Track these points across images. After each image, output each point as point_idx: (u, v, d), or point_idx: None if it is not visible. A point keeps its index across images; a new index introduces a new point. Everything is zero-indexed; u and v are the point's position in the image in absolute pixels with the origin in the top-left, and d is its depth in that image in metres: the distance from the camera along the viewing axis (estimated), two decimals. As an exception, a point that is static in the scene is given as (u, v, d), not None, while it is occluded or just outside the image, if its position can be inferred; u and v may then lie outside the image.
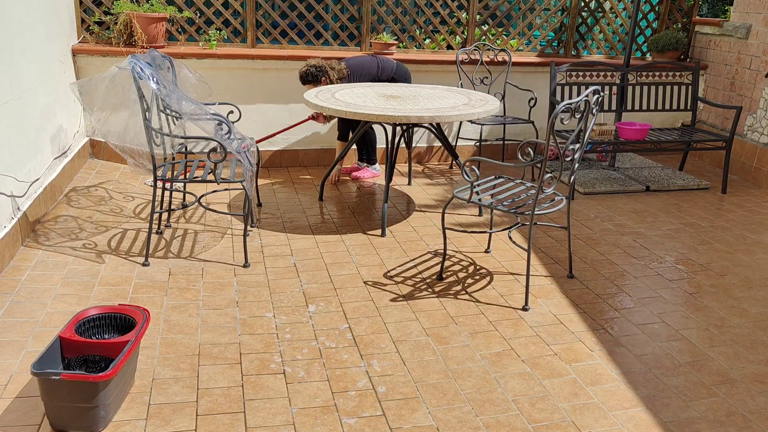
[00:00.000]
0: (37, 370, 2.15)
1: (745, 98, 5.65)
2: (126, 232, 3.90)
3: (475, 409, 2.43)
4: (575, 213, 4.60)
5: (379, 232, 4.09)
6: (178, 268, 3.48)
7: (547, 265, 3.72)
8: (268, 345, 2.79)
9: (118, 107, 3.43)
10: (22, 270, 3.35)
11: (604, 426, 2.38)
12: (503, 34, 5.99)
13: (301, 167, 5.50)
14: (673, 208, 4.79)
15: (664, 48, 6.03)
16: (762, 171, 5.40)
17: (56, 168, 4.36)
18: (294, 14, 5.43)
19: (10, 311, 2.96)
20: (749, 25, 5.60)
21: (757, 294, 3.48)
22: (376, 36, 5.59)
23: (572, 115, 3.06)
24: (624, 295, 3.40)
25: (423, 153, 5.80)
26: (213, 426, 2.29)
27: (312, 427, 2.30)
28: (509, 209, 3.21)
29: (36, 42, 4.08)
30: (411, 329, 2.98)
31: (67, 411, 2.19)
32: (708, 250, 4.03)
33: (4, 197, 3.43)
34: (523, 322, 3.08)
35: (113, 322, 2.53)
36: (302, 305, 3.15)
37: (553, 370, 2.71)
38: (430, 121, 3.87)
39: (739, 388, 2.63)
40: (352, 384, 2.56)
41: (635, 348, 2.90)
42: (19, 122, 3.72)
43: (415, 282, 3.44)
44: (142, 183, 4.80)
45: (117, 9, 5.00)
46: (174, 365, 2.62)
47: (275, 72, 5.24)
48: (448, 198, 4.02)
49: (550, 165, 5.44)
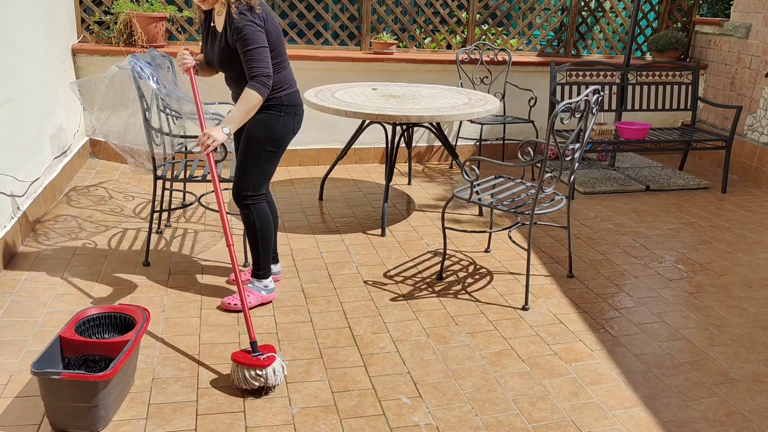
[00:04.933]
0: (37, 370, 2.15)
1: (745, 98, 5.65)
2: (126, 232, 3.90)
3: (475, 409, 2.43)
4: (575, 213, 4.60)
5: (379, 232, 4.09)
6: (178, 267, 3.48)
7: (547, 265, 3.72)
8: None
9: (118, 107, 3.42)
10: (22, 270, 3.35)
11: (604, 425, 2.37)
12: (503, 34, 5.99)
13: (301, 167, 5.49)
14: (673, 207, 4.79)
15: (664, 48, 6.03)
16: (762, 171, 5.40)
17: (56, 167, 4.36)
18: (294, 14, 5.43)
19: (9, 311, 2.95)
20: (749, 25, 5.60)
21: (757, 294, 3.48)
22: (376, 36, 5.59)
23: (572, 115, 3.06)
24: (624, 295, 3.40)
25: (423, 153, 5.80)
26: (213, 426, 2.28)
27: (312, 427, 2.30)
28: (509, 209, 3.21)
29: (36, 41, 4.08)
30: (411, 329, 2.97)
31: (67, 410, 2.19)
32: (708, 250, 4.03)
33: (4, 197, 3.42)
34: (523, 321, 3.08)
35: (113, 321, 2.53)
36: (302, 305, 3.15)
37: (553, 369, 2.70)
38: (430, 121, 3.87)
39: (739, 388, 2.63)
40: (352, 384, 2.55)
41: (635, 348, 2.90)
42: (19, 122, 3.71)
43: (415, 282, 3.44)
44: (142, 182, 4.79)
45: (117, 8, 5.00)
46: (174, 365, 2.62)
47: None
48: (448, 198, 4.01)
49: (550, 165, 5.43)
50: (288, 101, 2.93)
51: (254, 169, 2.94)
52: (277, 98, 2.89)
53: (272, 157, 2.96)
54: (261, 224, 3.00)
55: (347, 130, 5.45)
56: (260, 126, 2.90)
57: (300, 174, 5.29)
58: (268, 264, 3.12)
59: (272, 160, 2.97)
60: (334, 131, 5.51)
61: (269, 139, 2.91)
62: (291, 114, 2.95)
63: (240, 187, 2.96)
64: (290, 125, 2.97)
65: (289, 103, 2.93)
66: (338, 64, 5.35)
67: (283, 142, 2.97)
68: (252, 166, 2.94)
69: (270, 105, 2.88)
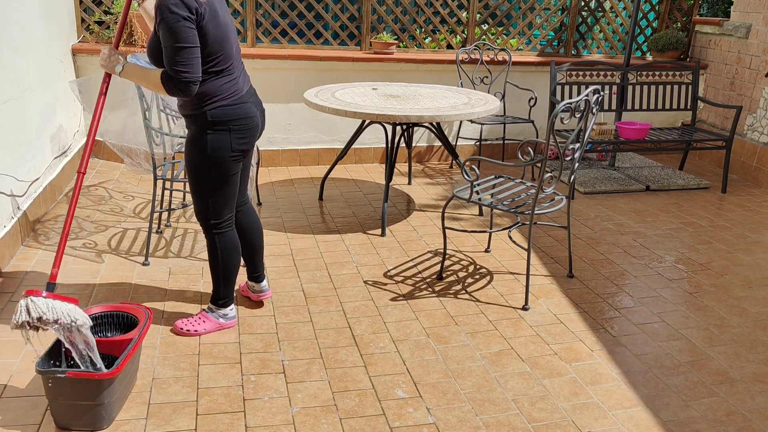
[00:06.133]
0: (41, 368, 2.15)
1: (745, 98, 5.65)
2: (126, 232, 3.90)
3: (475, 409, 2.43)
4: (575, 212, 4.60)
5: (379, 232, 4.09)
6: (178, 267, 3.48)
7: (547, 265, 3.72)
8: (268, 344, 2.79)
9: (117, 106, 3.43)
10: (22, 269, 3.35)
11: (604, 425, 2.38)
12: (503, 34, 5.99)
13: (301, 167, 5.49)
14: (673, 207, 4.79)
15: (664, 47, 6.03)
16: (762, 170, 5.40)
17: (56, 167, 4.36)
18: (294, 14, 5.43)
19: (9, 310, 2.95)
20: (749, 25, 5.60)
21: (757, 293, 3.48)
22: (376, 35, 5.59)
23: (572, 115, 3.06)
24: (624, 295, 3.40)
25: (423, 152, 5.80)
26: (213, 425, 2.29)
27: (312, 427, 2.30)
28: (509, 209, 3.21)
29: (36, 41, 4.08)
30: (411, 329, 2.98)
31: (71, 409, 2.20)
32: (708, 250, 4.03)
33: (4, 197, 3.42)
34: (523, 321, 3.08)
35: (115, 320, 2.54)
36: (302, 305, 3.15)
37: (553, 369, 2.71)
38: (430, 121, 3.87)
39: (739, 388, 2.63)
40: (352, 384, 2.56)
41: (635, 347, 2.90)
42: (19, 121, 3.71)
43: (415, 281, 3.44)
44: (142, 182, 4.79)
45: (117, 8, 5.00)
46: (174, 365, 2.62)
47: (275, 71, 5.24)
48: (448, 198, 4.02)
49: (550, 164, 5.43)
50: (215, 117, 2.48)
51: (206, 195, 2.61)
52: (200, 114, 2.48)
53: (219, 181, 2.58)
54: (225, 256, 2.73)
55: (347, 130, 5.45)
56: (191, 147, 2.54)
57: (300, 174, 5.29)
58: (230, 293, 2.85)
59: (221, 184, 2.59)
60: (334, 131, 5.51)
61: (205, 162, 2.53)
62: (224, 131, 2.50)
63: (199, 215, 2.67)
64: (225, 143, 2.51)
65: (218, 119, 2.48)
66: (338, 64, 5.36)
67: (222, 163, 2.54)
68: (202, 192, 2.61)
69: (195, 120, 2.51)
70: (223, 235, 2.72)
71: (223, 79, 2.49)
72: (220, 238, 2.72)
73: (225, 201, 2.65)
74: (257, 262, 3.00)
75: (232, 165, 2.58)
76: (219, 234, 2.71)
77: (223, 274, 2.78)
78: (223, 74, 2.49)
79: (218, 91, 2.49)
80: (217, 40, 2.42)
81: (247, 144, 2.61)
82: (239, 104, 2.54)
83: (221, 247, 2.72)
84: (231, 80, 2.53)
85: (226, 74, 2.51)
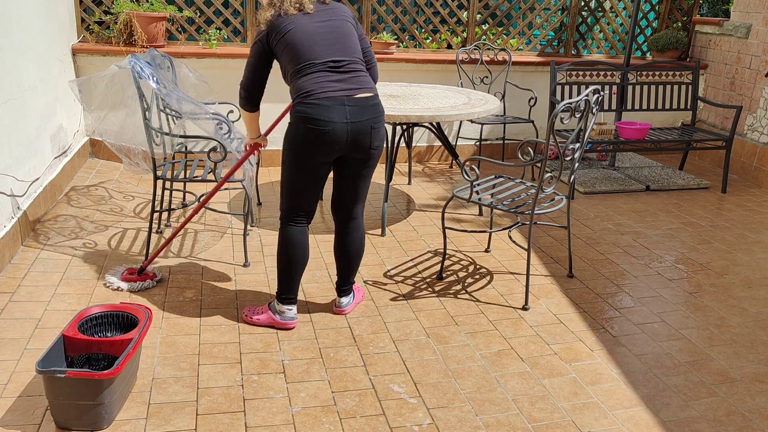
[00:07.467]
0: (42, 368, 2.15)
1: (745, 98, 5.65)
2: (126, 232, 3.90)
3: (475, 409, 2.43)
4: (575, 212, 4.60)
5: (379, 232, 4.09)
6: (178, 267, 3.48)
7: (547, 265, 3.72)
8: (268, 344, 2.79)
9: (116, 106, 3.43)
10: (22, 269, 3.35)
11: (604, 425, 2.38)
12: (503, 34, 5.99)
13: (301, 167, 5.49)
14: (673, 207, 4.79)
15: (664, 47, 6.03)
16: (762, 170, 5.40)
17: (56, 167, 4.36)
18: (294, 13, 5.43)
19: (9, 310, 2.96)
20: (749, 25, 5.60)
21: (757, 293, 3.48)
22: (376, 35, 5.59)
23: (572, 115, 3.06)
24: (624, 295, 3.40)
25: (423, 152, 5.80)
26: (213, 425, 2.29)
27: (312, 427, 2.30)
28: (509, 209, 3.21)
29: (36, 41, 4.08)
30: (411, 329, 2.98)
31: (71, 409, 2.20)
32: (708, 250, 4.03)
33: (4, 196, 3.43)
34: (523, 321, 3.08)
35: (115, 320, 2.54)
36: (302, 305, 3.15)
37: (553, 369, 2.71)
38: (430, 121, 3.87)
39: (739, 388, 2.63)
40: (352, 384, 2.56)
41: (635, 347, 2.90)
42: (19, 121, 3.72)
43: (415, 281, 3.44)
44: (142, 182, 4.79)
45: (117, 8, 5.00)
46: (174, 364, 2.62)
47: (275, 71, 5.22)
48: (448, 198, 4.02)
49: (550, 164, 5.44)
50: (297, 111, 2.66)
51: (282, 184, 2.82)
52: (294, 104, 2.72)
53: (291, 175, 2.75)
54: (284, 250, 2.83)
55: (347, 130, 5.44)
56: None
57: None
58: (289, 290, 2.89)
59: (291, 178, 2.75)
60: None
61: (284, 151, 2.76)
62: (300, 125, 2.65)
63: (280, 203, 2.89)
64: (299, 135, 2.67)
65: (298, 114, 2.66)
66: (338, 64, 5.35)
67: (294, 158, 2.70)
68: (281, 180, 2.82)
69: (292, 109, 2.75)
70: (287, 229, 2.84)
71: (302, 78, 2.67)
72: (284, 231, 2.84)
73: (292, 196, 2.79)
74: (340, 280, 3.06)
75: (302, 162, 2.70)
76: (284, 226, 2.85)
77: (280, 266, 2.87)
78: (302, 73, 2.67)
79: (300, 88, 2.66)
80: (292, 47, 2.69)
81: (317, 149, 2.66)
82: (315, 105, 2.62)
83: (282, 240, 2.84)
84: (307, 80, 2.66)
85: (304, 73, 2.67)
